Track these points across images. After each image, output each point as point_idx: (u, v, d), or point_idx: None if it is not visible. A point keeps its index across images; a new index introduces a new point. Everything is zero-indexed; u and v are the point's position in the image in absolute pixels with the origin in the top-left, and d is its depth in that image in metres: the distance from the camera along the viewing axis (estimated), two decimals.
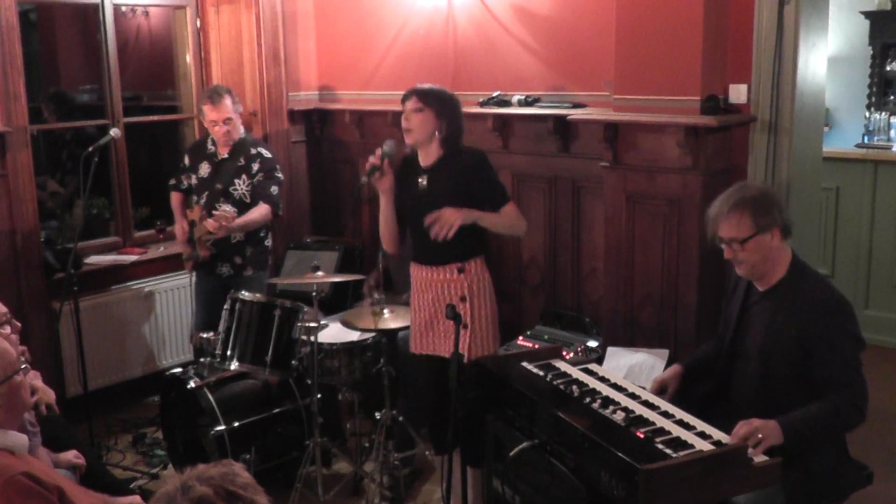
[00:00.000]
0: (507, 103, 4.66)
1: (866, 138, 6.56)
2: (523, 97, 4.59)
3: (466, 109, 4.74)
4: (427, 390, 3.74)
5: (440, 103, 3.52)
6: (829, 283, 2.95)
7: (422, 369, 3.71)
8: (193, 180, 4.62)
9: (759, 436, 2.55)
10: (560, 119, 4.38)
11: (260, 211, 4.44)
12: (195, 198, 4.58)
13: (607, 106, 4.14)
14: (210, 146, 4.60)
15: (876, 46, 6.73)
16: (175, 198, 4.75)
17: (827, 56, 4.15)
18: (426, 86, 3.60)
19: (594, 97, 4.36)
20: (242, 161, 4.51)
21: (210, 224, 4.22)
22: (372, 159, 3.50)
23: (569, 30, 4.47)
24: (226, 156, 4.55)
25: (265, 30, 5.44)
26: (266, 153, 4.57)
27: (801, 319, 2.81)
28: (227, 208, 4.28)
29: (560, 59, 4.54)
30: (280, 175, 4.59)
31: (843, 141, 6.58)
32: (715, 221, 2.94)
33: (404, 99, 3.54)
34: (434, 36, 5.05)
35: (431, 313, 3.59)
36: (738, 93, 3.89)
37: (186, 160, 4.72)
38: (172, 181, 4.79)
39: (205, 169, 4.59)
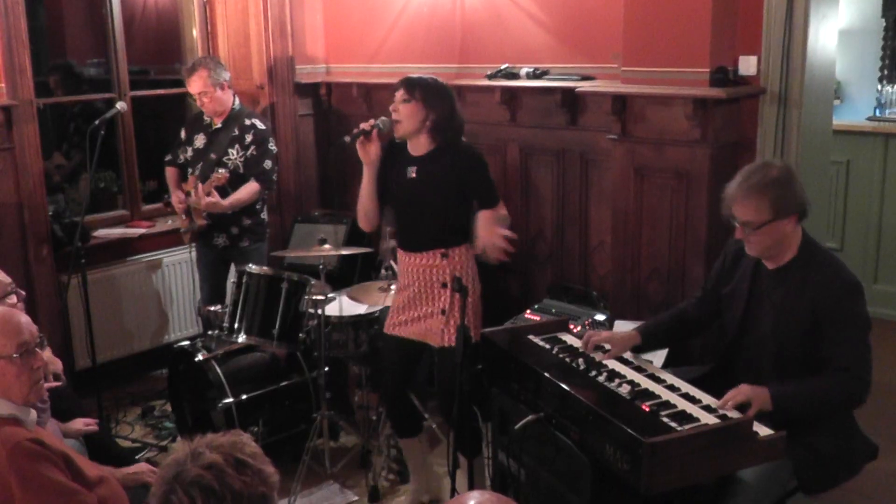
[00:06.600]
0: (515, 76, 4.62)
1: (878, 111, 6.49)
2: (531, 70, 4.55)
3: (474, 82, 4.77)
4: (390, 373, 3.70)
5: (426, 93, 3.43)
6: (840, 262, 2.88)
7: (389, 351, 3.68)
8: (189, 153, 4.61)
9: (747, 397, 2.60)
10: (568, 92, 4.35)
11: (248, 189, 4.42)
12: (190, 170, 4.57)
13: (615, 78, 4.11)
14: (205, 117, 4.60)
15: (889, 19, 6.64)
16: (170, 172, 4.74)
17: (839, 29, 4.10)
18: (416, 76, 3.53)
19: (602, 69, 4.31)
20: (236, 131, 4.50)
21: (203, 188, 4.24)
22: (363, 125, 3.50)
23: (577, 1, 4.42)
24: (219, 125, 4.54)
25: (272, 3, 5.40)
26: (260, 125, 4.54)
27: (815, 299, 2.77)
28: (220, 170, 4.30)
29: (568, 32, 4.49)
30: (273, 148, 4.57)
31: (855, 114, 6.51)
32: (732, 200, 2.85)
33: (395, 88, 3.50)
34: (441, 8, 5.01)
35: (412, 296, 3.57)
36: (747, 64, 3.84)
37: (183, 133, 4.71)
38: (168, 157, 4.78)
39: (200, 140, 4.58)
